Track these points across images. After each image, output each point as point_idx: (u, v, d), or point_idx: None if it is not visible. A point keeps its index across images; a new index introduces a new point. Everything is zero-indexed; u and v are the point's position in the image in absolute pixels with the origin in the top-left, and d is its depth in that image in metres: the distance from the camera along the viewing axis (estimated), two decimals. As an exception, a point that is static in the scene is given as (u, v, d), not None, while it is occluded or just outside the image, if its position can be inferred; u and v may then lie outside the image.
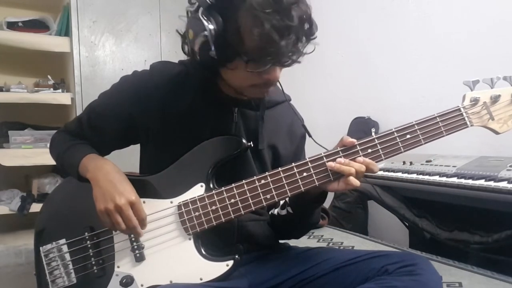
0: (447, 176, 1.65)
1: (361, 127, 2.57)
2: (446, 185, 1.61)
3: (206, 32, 0.84)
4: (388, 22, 2.51)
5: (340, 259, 1.02)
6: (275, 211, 1.13)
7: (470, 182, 1.54)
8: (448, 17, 2.19)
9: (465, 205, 1.61)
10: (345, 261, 1.01)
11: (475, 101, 0.96)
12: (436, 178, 1.67)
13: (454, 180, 1.60)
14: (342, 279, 0.99)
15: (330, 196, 2.38)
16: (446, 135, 0.95)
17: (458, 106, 0.97)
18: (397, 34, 2.46)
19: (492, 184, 1.48)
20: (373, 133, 2.51)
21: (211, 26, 0.84)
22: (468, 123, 0.96)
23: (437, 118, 0.95)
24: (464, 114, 0.96)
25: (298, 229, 1.16)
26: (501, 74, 0.96)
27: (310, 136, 1.12)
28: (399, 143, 0.95)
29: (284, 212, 1.09)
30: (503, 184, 1.45)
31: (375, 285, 0.91)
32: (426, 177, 1.70)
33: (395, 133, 0.95)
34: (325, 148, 0.98)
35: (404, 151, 0.95)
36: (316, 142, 1.08)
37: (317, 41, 0.89)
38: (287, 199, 1.10)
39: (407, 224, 2.09)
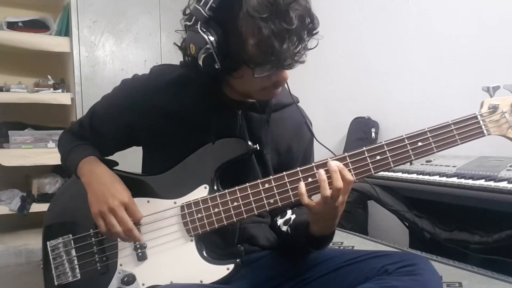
0: (447, 176, 1.65)
1: (361, 127, 2.57)
2: (446, 185, 1.61)
3: (208, 46, 0.83)
4: (388, 22, 2.51)
5: (340, 259, 1.02)
6: (279, 221, 1.10)
7: (470, 182, 1.54)
8: (449, 17, 2.19)
9: (465, 205, 1.61)
10: (345, 261, 1.01)
11: (493, 109, 0.89)
12: (436, 178, 1.67)
13: (454, 180, 1.60)
14: (342, 279, 0.98)
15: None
16: (461, 143, 0.89)
17: (475, 114, 0.90)
18: (397, 34, 2.46)
19: (492, 184, 1.48)
20: (373, 133, 2.51)
21: (212, 38, 0.83)
22: (485, 131, 0.89)
23: (452, 126, 0.89)
24: (481, 122, 0.89)
25: (294, 249, 1.09)
26: (501, 75, 0.95)
27: (313, 135, 1.10)
28: (410, 150, 0.89)
29: (285, 228, 1.07)
30: (503, 184, 1.45)
31: (375, 285, 0.91)
32: (426, 177, 1.70)
33: (406, 140, 0.89)
34: (330, 150, 0.96)
35: (415, 159, 0.90)
36: (322, 144, 1.06)
37: (319, 36, 0.87)
38: (293, 216, 1.07)
39: (407, 224, 2.09)
